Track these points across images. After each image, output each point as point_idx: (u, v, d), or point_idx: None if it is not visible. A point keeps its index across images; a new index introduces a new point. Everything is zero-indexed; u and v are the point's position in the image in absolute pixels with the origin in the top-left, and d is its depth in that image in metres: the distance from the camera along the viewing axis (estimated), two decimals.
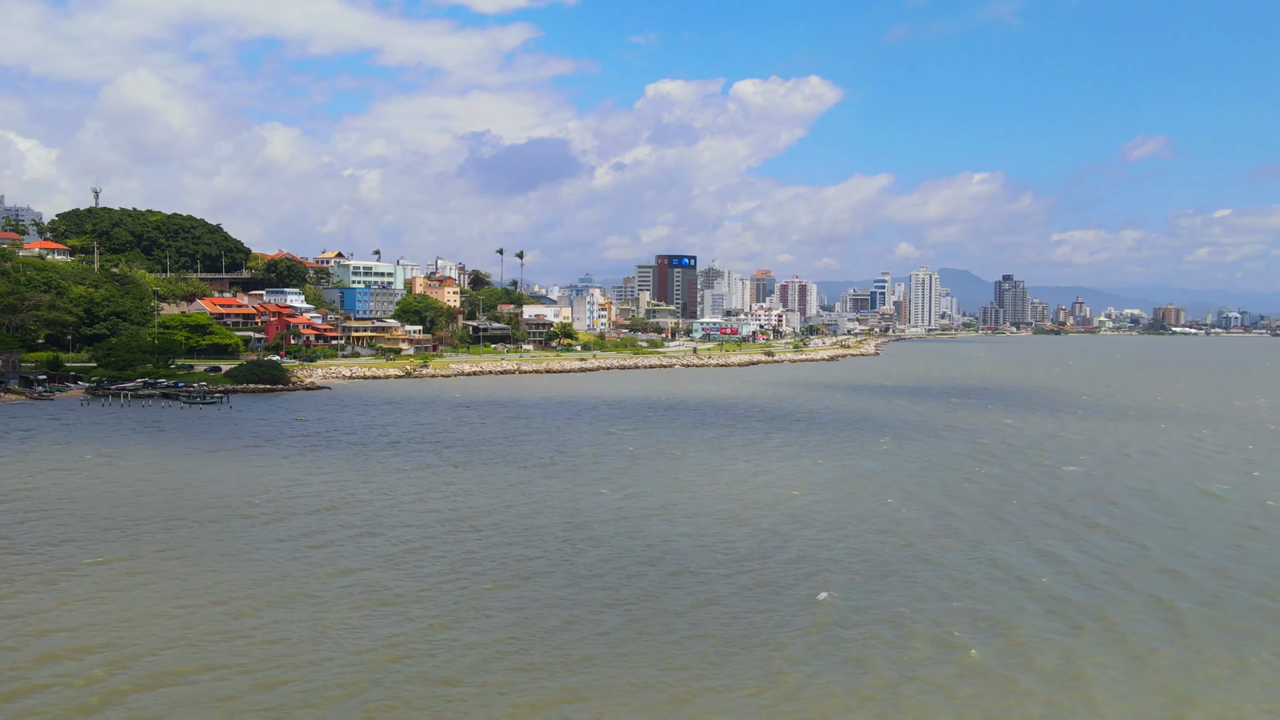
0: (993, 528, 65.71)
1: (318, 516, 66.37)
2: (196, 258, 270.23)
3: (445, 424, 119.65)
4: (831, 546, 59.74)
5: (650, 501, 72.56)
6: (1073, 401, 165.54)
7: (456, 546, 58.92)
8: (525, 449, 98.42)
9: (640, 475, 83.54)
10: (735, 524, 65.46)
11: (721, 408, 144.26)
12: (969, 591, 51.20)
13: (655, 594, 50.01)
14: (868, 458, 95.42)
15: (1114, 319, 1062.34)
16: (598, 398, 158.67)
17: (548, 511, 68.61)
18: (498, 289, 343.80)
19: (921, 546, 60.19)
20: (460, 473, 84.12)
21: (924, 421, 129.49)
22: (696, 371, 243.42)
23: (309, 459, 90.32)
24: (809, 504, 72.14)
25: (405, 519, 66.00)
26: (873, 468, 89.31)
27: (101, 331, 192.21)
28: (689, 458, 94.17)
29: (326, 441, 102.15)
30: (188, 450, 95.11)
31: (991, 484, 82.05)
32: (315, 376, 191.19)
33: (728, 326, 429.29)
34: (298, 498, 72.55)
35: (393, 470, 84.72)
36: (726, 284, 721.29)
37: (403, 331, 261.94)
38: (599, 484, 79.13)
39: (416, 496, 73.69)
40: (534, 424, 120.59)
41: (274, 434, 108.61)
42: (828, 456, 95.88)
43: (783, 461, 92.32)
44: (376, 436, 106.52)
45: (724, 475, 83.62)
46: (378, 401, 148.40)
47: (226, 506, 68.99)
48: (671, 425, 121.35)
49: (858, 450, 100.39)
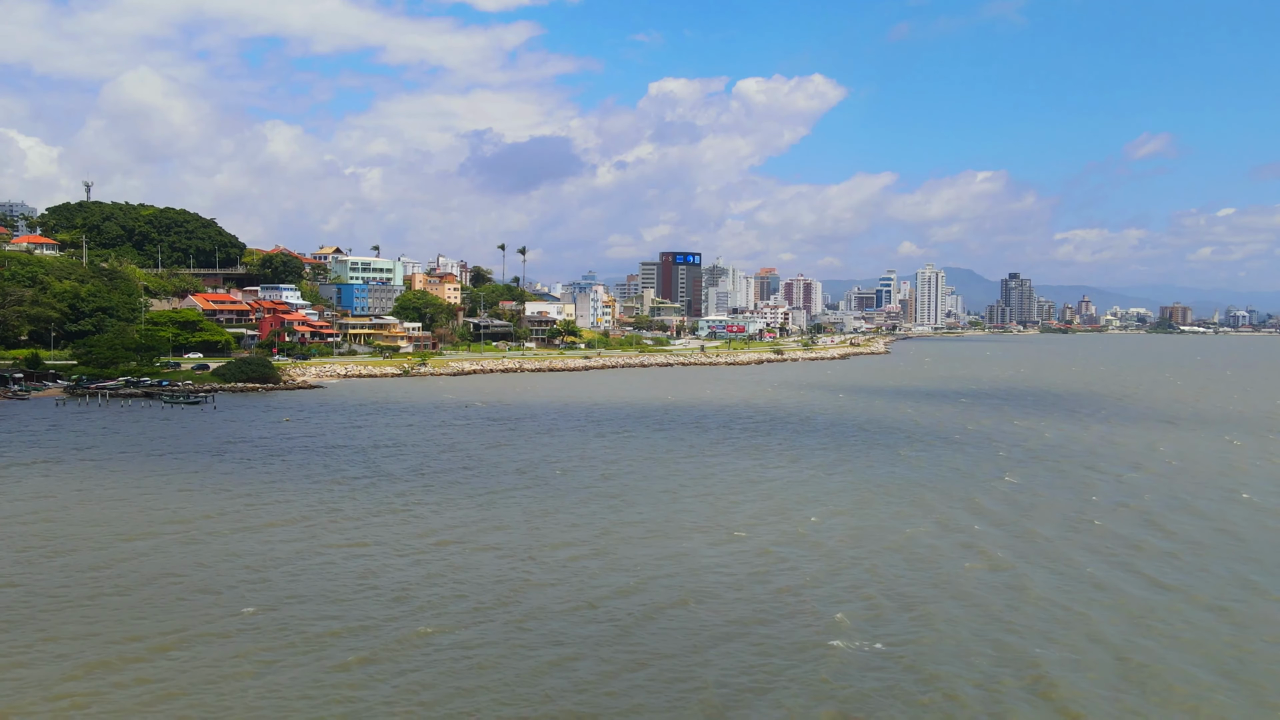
0: (1033, 550, 59.06)
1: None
2: (190, 253, 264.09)
3: (430, 434, 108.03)
4: (852, 577, 53.17)
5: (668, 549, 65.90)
6: (1097, 404, 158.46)
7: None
8: (514, 470, 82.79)
9: (657, 517, 66.41)
10: (752, 558, 58.90)
11: (734, 414, 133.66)
12: (1009, 632, 44.58)
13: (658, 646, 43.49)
14: (902, 467, 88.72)
15: (1121, 318, 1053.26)
16: (603, 402, 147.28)
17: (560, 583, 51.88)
18: (499, 286, 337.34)
19: (953, 577, 53.56)
20: (426, 509, 67.69)
21: (952, 427, 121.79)
22: (705, 370, 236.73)
23: (249, 484, 75.79)
24: (827, 528, 65.56)
25: (325, 585, 50.14)
26: (905, 480, 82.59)
27: (86, 328, 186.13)
28: (717, 474, 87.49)
29: (292, 453, 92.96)
30: (132, 467, 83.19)
31: (1026, 498, 75.41)
32: (308, 375, 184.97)
33: (734, 324, 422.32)
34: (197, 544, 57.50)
35: (339, 503, 69.30)
36: (731, 282, 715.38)
37: (401, 329, 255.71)
38: (621, 525, 64.01)
39: (358, 561, 54.51)
40: (527, 434, 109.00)
41: (244, 441, 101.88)
42: (862, 476, 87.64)
43: (819, 487, 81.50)
44: (346, 456, 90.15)
45: (745, 508, 71.54)
46: (368, 403, 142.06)
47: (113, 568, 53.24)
48: (681, 435, 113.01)
49: (892, 464, 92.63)
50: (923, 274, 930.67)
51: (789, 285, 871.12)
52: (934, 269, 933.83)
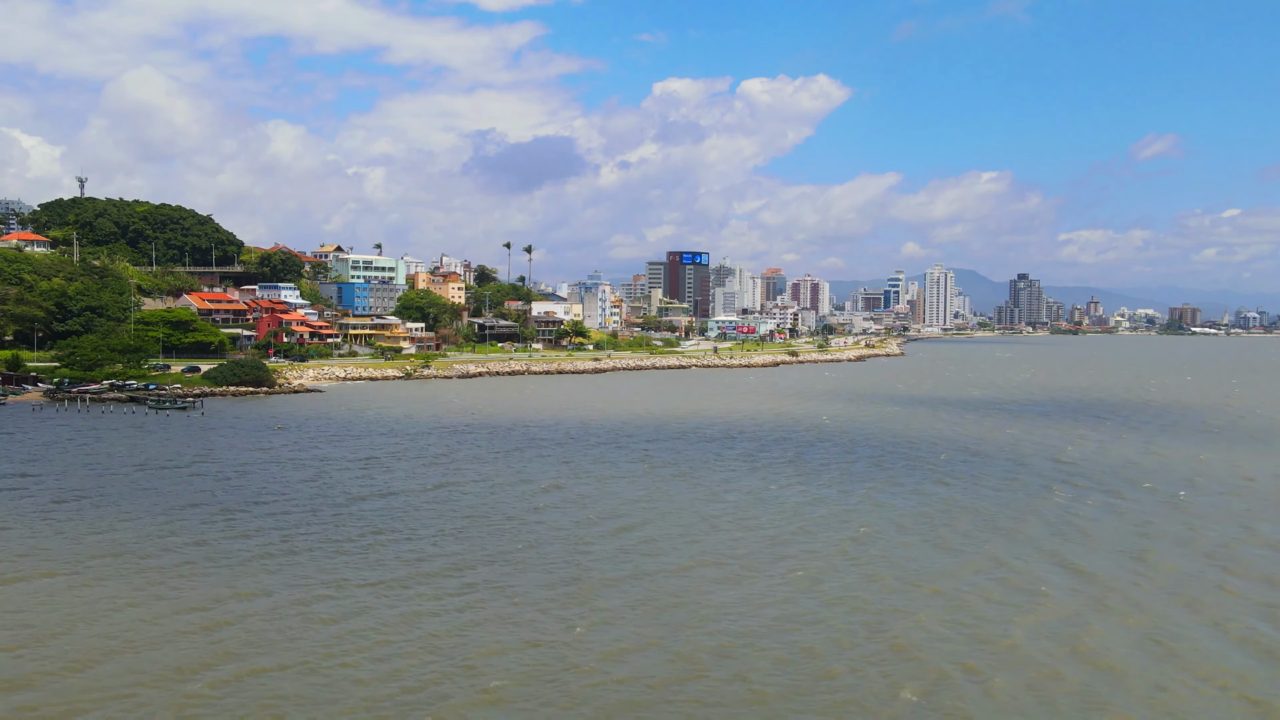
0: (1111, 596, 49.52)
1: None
2: (186, 250, 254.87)
3: (424, 464, 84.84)
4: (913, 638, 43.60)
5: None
6: (1135, 411, 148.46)
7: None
8: (528, 542, 57.36)
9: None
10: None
11: (765, 432, 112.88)
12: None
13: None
14: (963, 493, 78.51)
15: (1130, 319, 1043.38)
16: (618, 416, 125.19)
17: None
18: (505, 285, 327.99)
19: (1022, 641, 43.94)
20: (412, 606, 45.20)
21: (1000, 444, 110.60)
22: (720, 374, 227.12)
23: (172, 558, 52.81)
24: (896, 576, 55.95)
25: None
26: (962, 509, 72.74)
27: (74, 328, 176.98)
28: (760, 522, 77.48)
29: (258, 490, 74.03)
30: (35, 510, 63.95)
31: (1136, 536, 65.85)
32: (306, 378, 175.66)
33: (744, 325, 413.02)
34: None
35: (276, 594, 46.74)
36: (738, 282, 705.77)
37: (404, 329, 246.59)
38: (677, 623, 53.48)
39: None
40: (539, 465, 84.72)
41: (218, 461, 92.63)
42: (917, 509, 76.05)
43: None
44: (318, 501, 67.80)
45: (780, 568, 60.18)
46: (363, 415, 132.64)
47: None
48: (713, 460, 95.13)
49: (945, 489, 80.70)
50: (931, 274, 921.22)
51: (795, 285, 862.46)
52: (943, 269, 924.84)
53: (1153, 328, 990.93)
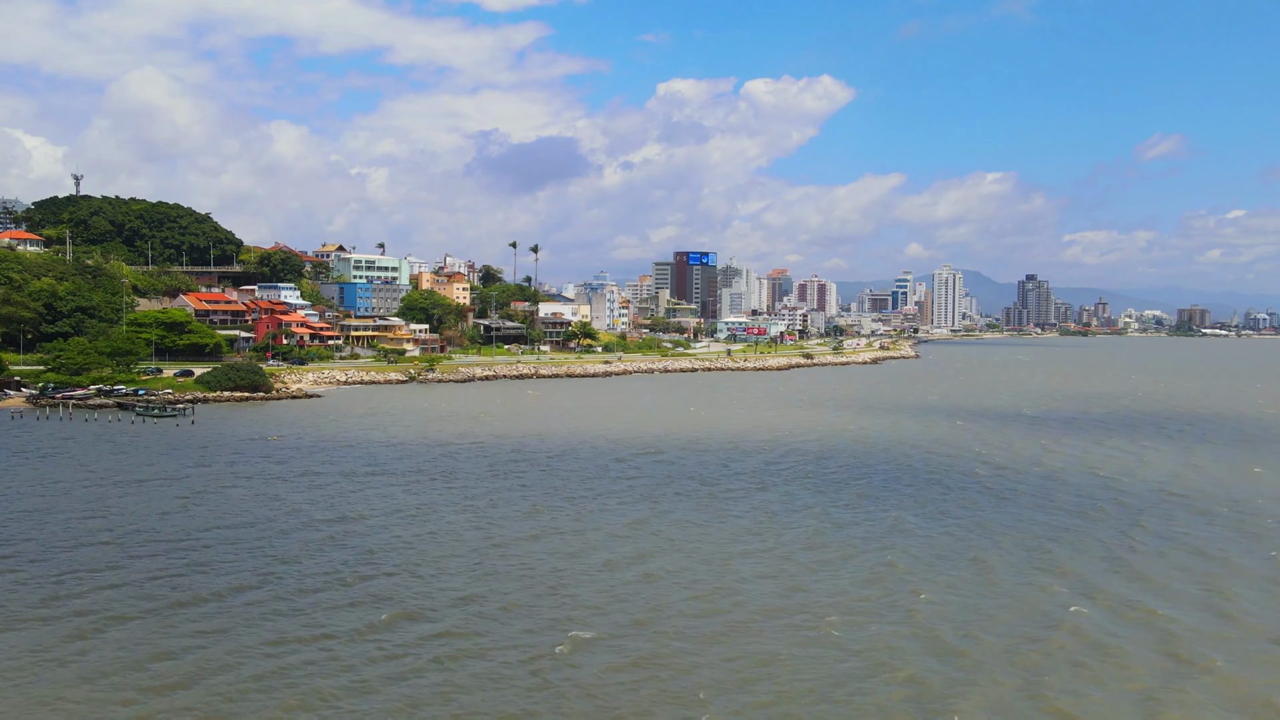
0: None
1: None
2: (183, 250, 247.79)
3: (409, 487, 74.71)
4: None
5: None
6: (1185, 421, 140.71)
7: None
8: (544, 623, 45.23)
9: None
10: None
11: (800, 454, 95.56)
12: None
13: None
14: (1030, 532, 69.82)
15: (1139, 321, 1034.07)
16: (634, 434, 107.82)
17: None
18: (511, 286, 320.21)
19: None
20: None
21: (1062, 466, 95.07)
22: (734, 378, 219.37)
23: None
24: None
25: None
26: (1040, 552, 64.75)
27: (64, 329, 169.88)
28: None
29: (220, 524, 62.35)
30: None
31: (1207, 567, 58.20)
32: (305, 382, 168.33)
33: (754, 326, 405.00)
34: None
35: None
36: (744, 283, 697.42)
37: (407, 331, 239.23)
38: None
39: None
40: (551, 504, 70.08)
41: (184, 474, 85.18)
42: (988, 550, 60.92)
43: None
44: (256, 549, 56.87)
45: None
46: (362, 420, 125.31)
47: None
48: (740, 497, 74.01)
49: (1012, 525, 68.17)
50: (939, 275, 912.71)
51: (802, 286, 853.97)
52: (951, 270, 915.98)
53: (1161, 329, 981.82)
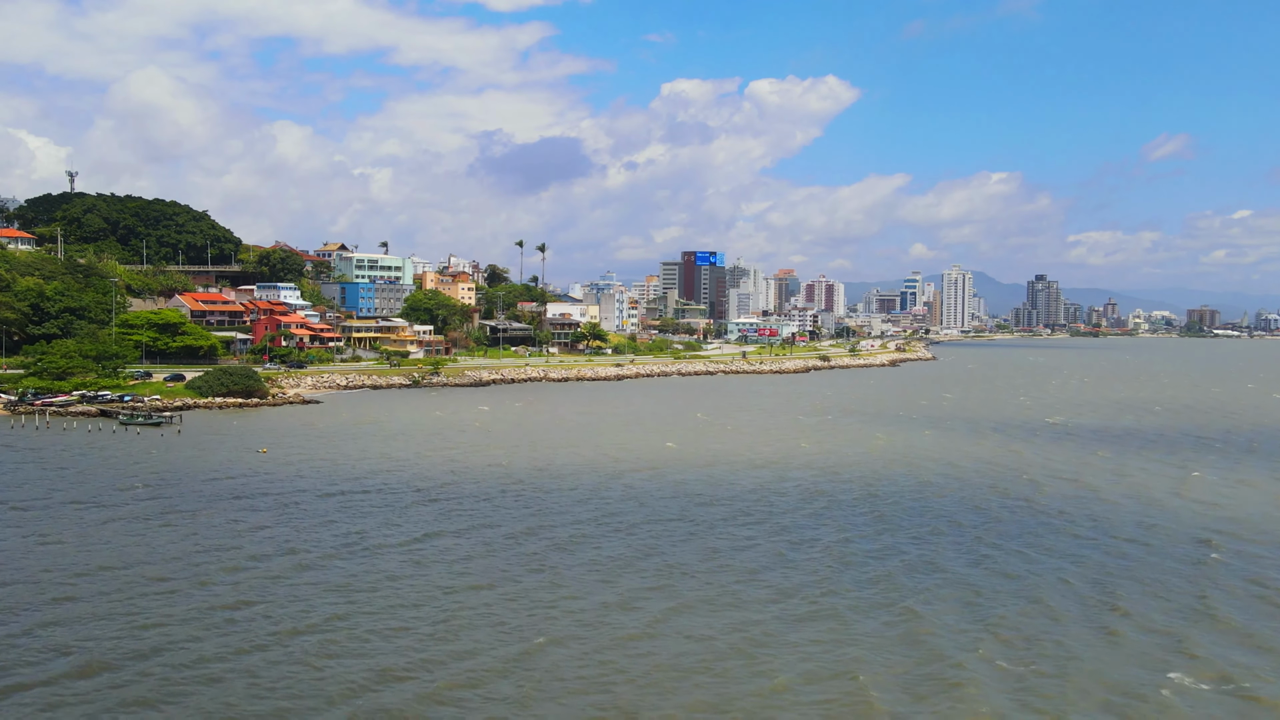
0: None
1: None
2: (180, 248, 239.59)
3: (388, 542, 58.87)
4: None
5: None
6: (1261, 437, 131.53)
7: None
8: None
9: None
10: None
11: (859, 492, 76.29)
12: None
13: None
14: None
15: (1149, 321, 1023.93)
16: (653, 462, 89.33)
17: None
18: (517, 286, 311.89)
19: None
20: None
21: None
22: (749, 381, 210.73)
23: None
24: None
25: None
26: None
27: (52, 330, 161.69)
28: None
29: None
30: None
31: None
32: (303, 387, 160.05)
33: (766, 327, 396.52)
34: None
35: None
36: (752, 283, 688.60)
37: (411, 332, 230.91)
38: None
39: None
40: (533, 563, 54.97)
41: (138, 496, 76.69)
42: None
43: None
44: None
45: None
46: (359, 429, 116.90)
47: None
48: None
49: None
50: (949, 275, 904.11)
51: (810, 287, 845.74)
52: (960, 270, 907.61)
53: (1172, 330, 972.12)
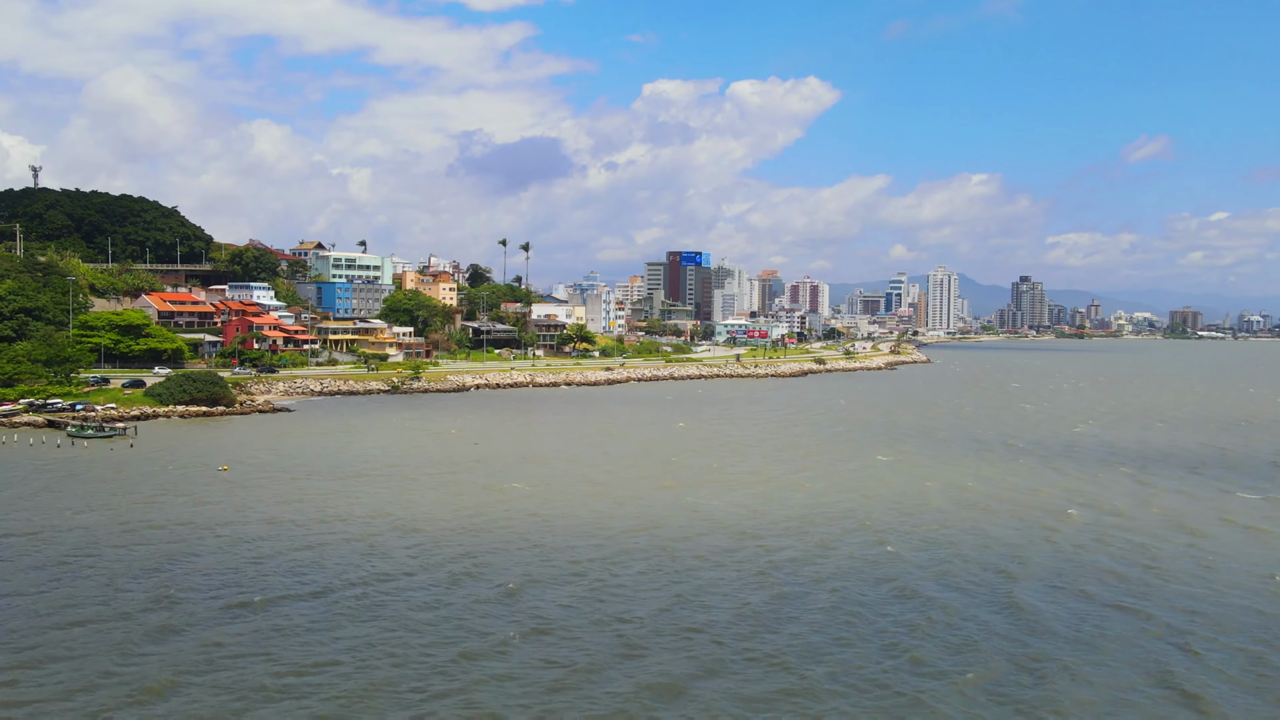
0: None
1: None
2: (148, 246, 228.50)
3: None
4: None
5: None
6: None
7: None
8: None
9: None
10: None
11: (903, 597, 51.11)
12: None
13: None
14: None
15: (1133, 323, 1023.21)
16: (672, 523, 66.17)
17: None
18: (500, 286, 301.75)
19: None
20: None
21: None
22: (745, 385, 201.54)
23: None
24: None
25: None
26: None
27: (4, 332, 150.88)
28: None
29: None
30: None
31: None
32: (274, 393, 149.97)
33: (756, 329, 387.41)
34: None
35: None
36: (736, 284, 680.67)
37: (390, 334, 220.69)
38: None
39: None
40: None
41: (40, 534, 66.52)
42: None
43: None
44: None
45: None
46: (330, 442, 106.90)
47: None
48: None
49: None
50: (934, 276, 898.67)
51: (794, 288, 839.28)
52: (945, 271, 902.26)
53: (1155, 331, 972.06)
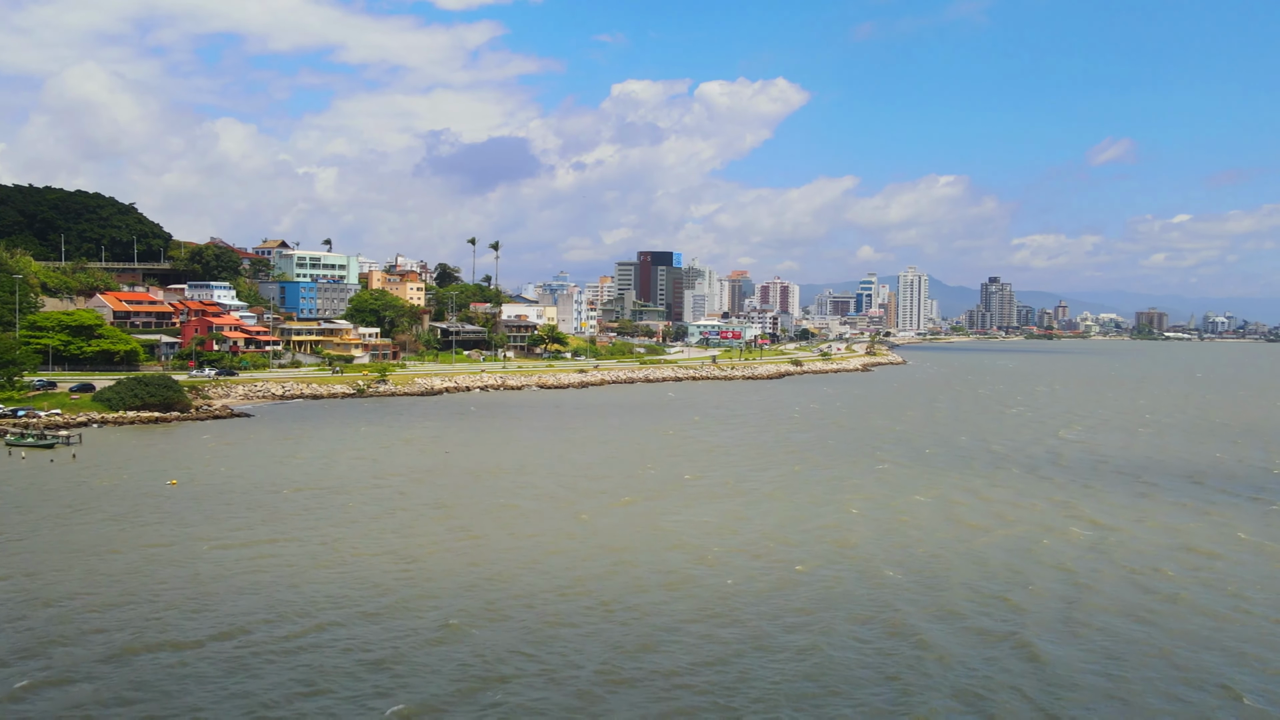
0: None
1: None
2: (103, 244, 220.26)
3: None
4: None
5: None
6: None
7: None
8: None
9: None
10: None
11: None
12: None
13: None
14: None
15: (1100, 324, 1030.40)
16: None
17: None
18: (469, 286, 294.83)
19: None
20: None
21: None
22: (724, 388, 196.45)
23: None
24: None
25: None
26: None
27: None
28: None
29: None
30: None
31: None
32: (233, 396, 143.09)
33: (729, 330, 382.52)
34: None
35: None
36: (707, 284, 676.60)
37: (356, 335, 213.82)
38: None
39: None
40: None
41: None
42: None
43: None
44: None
45: None
46: (292, 450, 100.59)
47: None
48: None
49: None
50: (904, 277, 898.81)
51: (765, 288, 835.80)
52: (916, 272, 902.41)
53: (1122, 332, 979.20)
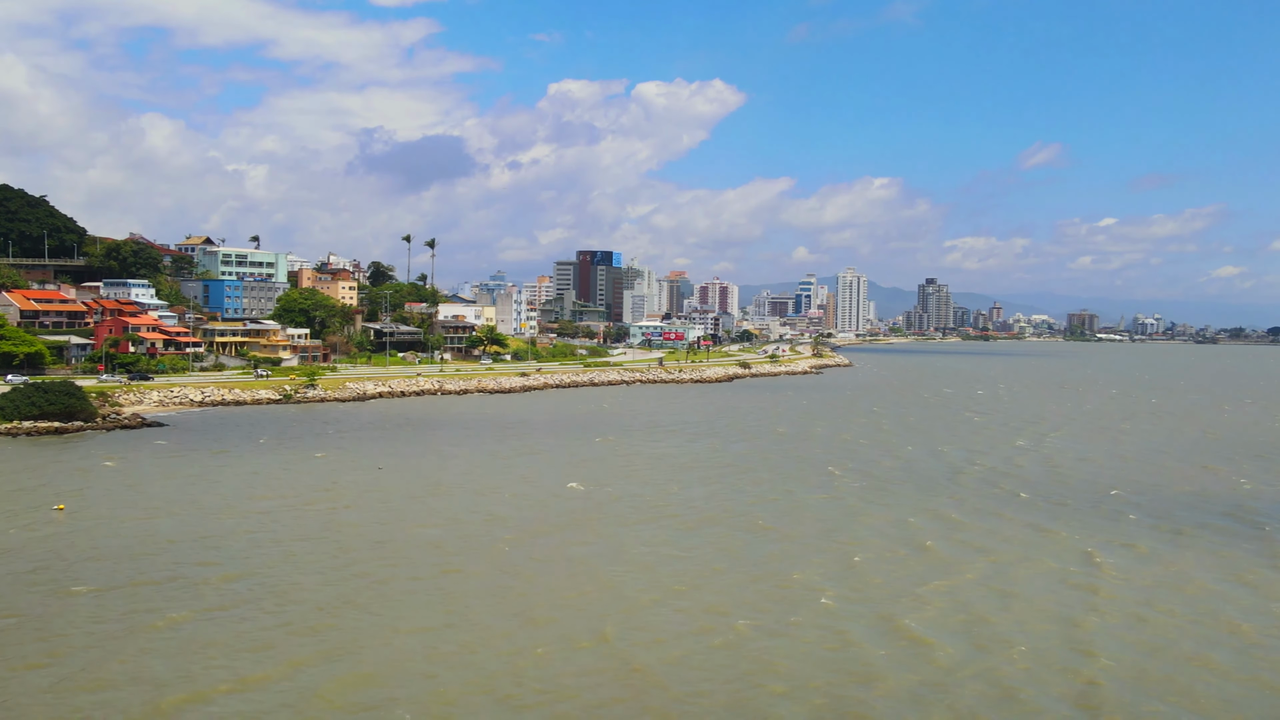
0: None
1: None
2: (11, 238, 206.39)
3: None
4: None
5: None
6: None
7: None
8: None
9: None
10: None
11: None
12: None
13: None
14: None
15: (1033, 325, 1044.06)
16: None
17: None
18: (404, 285, 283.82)
19: None
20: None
21: None
22: (672, 392, 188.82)
23: None
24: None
25: None
26: None
27: None
28: None
29: None
30: None
31: None
32: (146, 403, 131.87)
33: (671, 331, 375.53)
34: None
35: None
36: (646, 284, 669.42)
37: (284, 336, 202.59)
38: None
39: None
40: None
41: None
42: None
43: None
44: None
45: None
46: (208, 464, 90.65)
47: None
48: None
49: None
50: (844, 278, 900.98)
51: (704, 289, 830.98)
52: (855, 273, 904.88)
53: (1055, 334, 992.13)
